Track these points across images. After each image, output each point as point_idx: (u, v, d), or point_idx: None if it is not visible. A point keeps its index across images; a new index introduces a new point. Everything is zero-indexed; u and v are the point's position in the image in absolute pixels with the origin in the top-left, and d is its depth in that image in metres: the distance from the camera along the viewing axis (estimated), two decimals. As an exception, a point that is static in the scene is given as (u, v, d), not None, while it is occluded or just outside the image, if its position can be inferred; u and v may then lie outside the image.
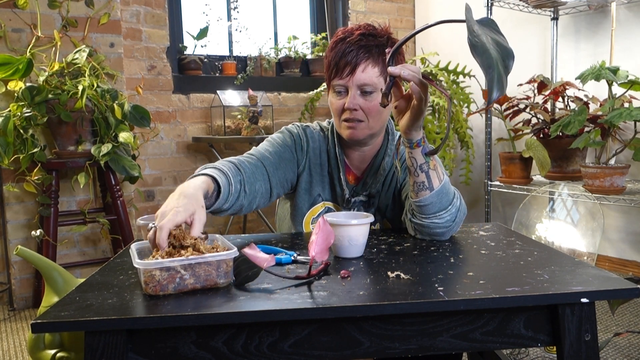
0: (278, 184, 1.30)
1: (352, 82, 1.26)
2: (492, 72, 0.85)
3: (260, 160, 1.28)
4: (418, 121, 1.09)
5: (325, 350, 0.83)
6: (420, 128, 1.11)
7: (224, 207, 1.15)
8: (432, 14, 3.96)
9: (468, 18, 0.89)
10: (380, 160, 1.36)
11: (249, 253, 0.89)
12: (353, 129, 1.28)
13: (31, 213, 2.61)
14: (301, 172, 1.37)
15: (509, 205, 3.48)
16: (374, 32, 1.28)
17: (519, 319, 0.86)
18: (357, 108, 1.27)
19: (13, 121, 2.32)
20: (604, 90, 2.63)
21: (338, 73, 1.27)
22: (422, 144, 1.12)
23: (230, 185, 1.15)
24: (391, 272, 0.93)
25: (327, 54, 1.31)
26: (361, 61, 1.25)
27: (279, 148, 1.34)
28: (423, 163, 1.12)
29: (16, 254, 1.23)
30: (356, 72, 1.25)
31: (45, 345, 1.23)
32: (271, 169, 1.29)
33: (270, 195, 1.29)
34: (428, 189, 1.13)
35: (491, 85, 0.85)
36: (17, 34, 2.54)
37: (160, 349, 0.81)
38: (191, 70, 3.32)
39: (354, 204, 1.35)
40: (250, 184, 1.21)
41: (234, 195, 1.16)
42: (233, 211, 1.20)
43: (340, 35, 1.29)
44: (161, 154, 3.23)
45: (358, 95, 1.27)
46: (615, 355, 1.94)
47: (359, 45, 1.25)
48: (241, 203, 1.20)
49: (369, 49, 1.25)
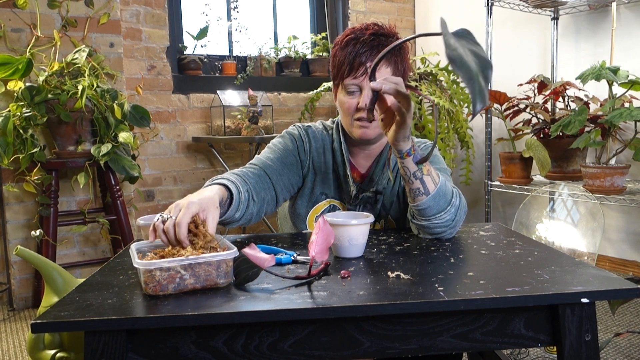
0: (283, 189, 1.33)
1: (366, 81, 1.26)
2: (474, 84, 0.85)
3: (262, 169, 1.30)
4: (405, 132, 1.09)
5: (325, 350, 0.83)
6: (408, 138, 1.11)
7: (236, 215, 1.17)
8: (432, 14, 3.96)
9: (444, 32, 0.89)
10: (387, 156, 1.37)
11: (249, 253, 0.89)
12: (365, 128, 1.29)
13: (31, 213, 2.61)
14: (306, 173, 1.38)
15: (509, 205, 3.48)
16: (384, 32, 1.29)
17: (519, 319, 0.86)
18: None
19: (13, 121, 2.32)
20: (604, 90, 2.63)
21: (352, 72, 1.27)
22: (412, 152, 1.13)
23: (240, 194, 1.17)
24: (391, 272, 0.93)
25: (336, 53, 1.31)
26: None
27: (281, 153, 1.35)
28: (416, 170, 1.14)
29: (16, 254, 1.23)
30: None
31: (45, 345, 1.23)
32: (274, 176, 1.31)
33: (276, 202, 1.32)
34: (424, 194, 1.15)
35: (474, 97, 0.85)
36: (16, 33, 2.54)
37: (160, 349, 0.81)
38: (191, 70, 3.32)
39: (360, 200, 1.36)
40: (257, 192, 1.24)
41: (244, 203, 1.18)
42: (244, 221, 1.22)
43: (351, 35, 1.29)
44: (161, 154, 3.23)
45: (371, 94, 1.27)
46: (616, 356, 1.94)
47: (371, 45, 1.26)
48: (251, 211, 1.22)
49: (382, 50, 1.25)
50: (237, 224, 1.22)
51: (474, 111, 0.86)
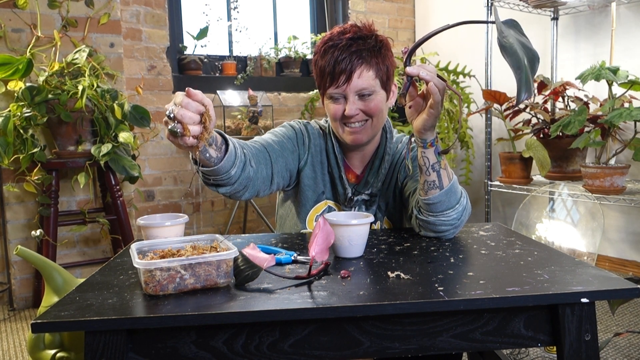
0: (279, 172, 1.29)
1: (349, 89, 1.26)
2: (521, 73, 0.86)
3: (264, 146, 1.28)
4: (433, 121, 1.10)
5: (325, 350, 0.83)
6: (434, 128, 1.12)
7: (231, 172, 1.09)
8: (432, 14, 3.96)
9: (496, 18, 0.91)
10: (381, 159, 1.37)
11: (249, 253, 0.90)
12: (357, 133, 1.30)
13: (31, 213, 2.61)
14: (303, 167, 1.37)
15: (509, 205, 3.48)
16: (362, 34, 1.27)
17: (519, 319, 0.86)
18: (358, 112, 1.28)
19: (13, 121, 2.32)
20: (604, 90, 2.63)
21: (334, 81, 1.26)
22: (436, 143, 1.14)
23: (236, 149, 1.10)
24: (391, 272, 0.93)
25: (317, 61, 1.30)
26: (356, 67, 1.24)
27: (282, 139, 1.34)
28: (435, 162, 1.14)
29: (16, 254, 1.23)
30: (352, 79, 1.25)
31: (45, 345, 1.23)
32: (274, 155, 1.28)
33: (271, 182, 1.27)
34: (438, 188, 1.15)
35: (520, 85, 0.87)
36: (17, 34, 2.54)
37: (160, 349, 0.81)
38: (191, 70, 3.32)
39: (356, 202, 1.36)
40: (255, 162, 1.20)
41: (240, 160, 1.11)
42: (240, 185, 1.14)
43: (329, 42, 1.27)
44: (161, 154, 3.23)
45: (357, 100, 1.27)
46: (615, 355, 1.94)
47: (350, 51, 1.24)
48: (247, 175, 1.14)
49: (361, 53, 1.25)
50: (231, 189, 1.14)
51: (518, 99, 0.88)
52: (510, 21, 0.99)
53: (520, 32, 0.98)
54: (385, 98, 1.31)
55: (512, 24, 0.98)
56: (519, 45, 0.92)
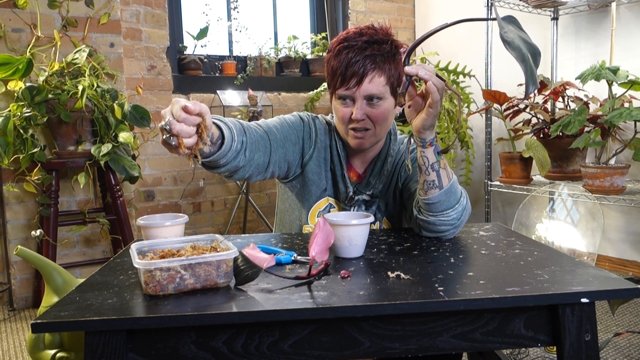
0: (276, 161, 1.28)
1: (359, 92, 1.25)
2: (526, 65, 0.87)
3: (266, 132, 1.26)
4: (432, 120, 1.10)
5: (325, 350, 0.83)
6: (433, 128, 1.12)
7: (221, 161, 1.10)
8: (432, 14, 3.96)
9: (496, 15, 0.92)
10: (384, 160, 1.37)
11: (249, 253, 0.90)
12: (361, 139, 1.29)
13: (31, 213, 2.61)
14: (308, 161, 1.36)
15: (509, 205, 3.48)
16: (378, 39, 1.26)
17: (519, 319, 0.86)
18: (364, 117, 1.27)
19: (13, 121, 2.32)
20: (604, 90, 2.63)
21: (344, 83, 1.25)
22: (435, 143, 1.14)
23: (233, 142, 1.11)
24: (391, 272, 0.93)
25: (330, 60, 1.29)
26: (368, 72, 1.23)
27: (287, 128, 1.33)
28: (434, 162, 1.14)
29: (16, 254, 1.23)
30: (363, 83, 1.24)
31: (45, 345, 1.23)
32: (275, 144, 1.27)
33: (265, 169, 1.26)
34: (437, 187, 1.15)
35: (527, 78, 0.88)
36: (17, 34, 2.54)
37: (160, 349, 0.81)
38: (191, 70, 3.32)
39: (356, 202, 1.36)
40: (251, 150, 1.18)
41: (233, 152, 1.11)
42: (228, 169, 1.15)
43: (344, 42, 1.26)
44: (161, 154, 3.23)
45: (365, 104, 1.26)
46: (615, 355, 1.94)
47: (364, 55, 1.23)
48: (237, 164, 1.15)
49: (375, 58, 1.24)
50: (219, 171, 1.15)
51: (527, 92, 0.89)
52: (509, 17, 0.99)
53: (519, 28, 0.98)
54: (393, 104, 1.29)
55: (510, 19, 0.98)
56: (520, 40, 0.93)
